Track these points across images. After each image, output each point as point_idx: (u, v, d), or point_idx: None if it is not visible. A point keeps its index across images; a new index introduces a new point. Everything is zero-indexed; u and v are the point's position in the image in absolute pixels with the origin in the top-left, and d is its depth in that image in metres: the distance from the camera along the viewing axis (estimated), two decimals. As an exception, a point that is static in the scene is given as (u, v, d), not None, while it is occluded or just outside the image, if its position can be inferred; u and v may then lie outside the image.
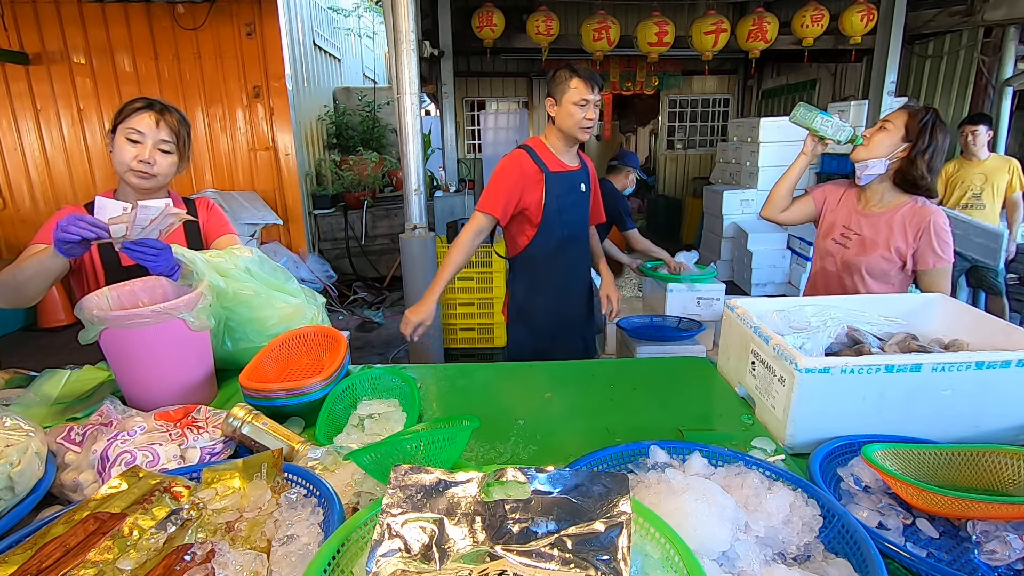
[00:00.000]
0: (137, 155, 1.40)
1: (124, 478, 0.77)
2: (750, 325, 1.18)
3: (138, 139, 1.40)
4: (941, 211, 1.64)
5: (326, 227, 5.98)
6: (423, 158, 2.95)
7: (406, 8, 2.68)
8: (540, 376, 1.43)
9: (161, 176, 1.44)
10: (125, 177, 1.42)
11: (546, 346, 2.02)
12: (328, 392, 1.16)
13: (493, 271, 3.91)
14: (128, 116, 1.40)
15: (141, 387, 1.18)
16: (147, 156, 1.40)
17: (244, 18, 5.08)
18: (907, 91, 5.30)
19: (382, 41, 10.30)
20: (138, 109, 1.41)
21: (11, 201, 5.30)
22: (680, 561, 0.60)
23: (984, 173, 3.64)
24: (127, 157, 1.40)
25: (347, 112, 6.99)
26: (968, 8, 4.56)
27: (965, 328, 1.24)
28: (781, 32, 5.03)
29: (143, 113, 1.41)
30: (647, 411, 1.21)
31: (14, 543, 0.70)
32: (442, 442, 0.79)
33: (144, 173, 1.41)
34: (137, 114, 1.41)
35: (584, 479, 0.66)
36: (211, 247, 1.55)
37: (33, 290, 1.28)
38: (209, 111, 5.28)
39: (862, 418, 1.00)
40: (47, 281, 1.29)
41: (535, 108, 7.91)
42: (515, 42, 5.51)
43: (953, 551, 0.78)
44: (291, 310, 1.41)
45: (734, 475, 0.81)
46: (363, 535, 0.68)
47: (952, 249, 1.64)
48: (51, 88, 5.05)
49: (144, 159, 1.40)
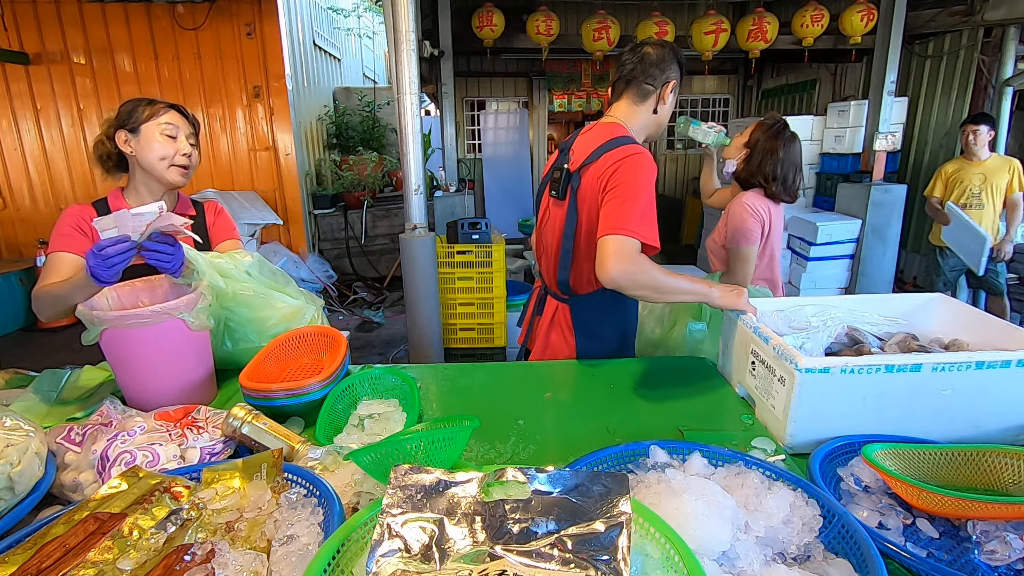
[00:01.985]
0: (179, 150, 1.42)
1: (124, 478, 0.77)
2: (750, 325, 1.18)
3: (174, 134, 1.42)
4: (745, 202, 1.91)
5: (326, 227, 5.98)
6: (423, 158, 2.95)
7: (406, 8, 2.68)
8: (540, 376, 1.43)
9: (192, 169, 1.47)
10: (165, 174, 1.42)
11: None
12: (328, 392, 1.16)
13: (493, 271, 3.91)
14: (157, 113, 1.41)
15: (141, 387, 1.18)
16: (187, 150, 1.43)
17: (244, 18, 5.08)
18: (907, 91, 5.29)
19: (382, 41, 10.30)
20: (165, 107, 1.42)
21: (11, 201, 5.31)
22: (680, 561, 0.60)
23: (983, 173, 3.64)
24: (168, 152, 1.41)
25: (347, 112, 7.00)
26: (968, 8, 4.56)
27: (965, 328, 1.24)
28: (781, 32, 5.02)
29: (171, 110, 1.43)
30: (647, 411, 1.21)
31: (14, 543, 0.70)
32: (442, 442, 0.79)
33: (185, 167, 1.44)
34: (166, 111, 1.42)
35: (584, 479, 0.66)
36: (215, 251, 1.56)
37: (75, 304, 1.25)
38: (209, 111, 5.28)
39: (862, 418, 1.00)
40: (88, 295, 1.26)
41: (535, 108, 7.91)
42: (515, 42, 5.51)
43: (953, 551, 0.78)
44: (291, 310, 1.41)
45: (734, 475, 0.81)
46: (363, 535, 0.68)
47: (743, 236, 1.89)
48: (51, 88, 5.05)
49: (186, 152, 1.43)
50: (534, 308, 1.79)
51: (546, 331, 1.69)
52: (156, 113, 1.40)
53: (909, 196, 4.67)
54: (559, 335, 1.65)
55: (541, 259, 1.75)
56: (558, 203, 1.58)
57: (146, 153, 1.40)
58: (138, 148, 1.40)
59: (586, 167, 1.47)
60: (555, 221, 1.60)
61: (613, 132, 1.48)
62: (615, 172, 1.38)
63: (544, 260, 1.71)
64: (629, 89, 1.53)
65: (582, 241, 1.52)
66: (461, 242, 3.86)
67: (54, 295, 1.28)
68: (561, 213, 1.55)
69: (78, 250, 1.39)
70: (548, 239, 1.65)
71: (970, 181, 3.67)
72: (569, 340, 1.63)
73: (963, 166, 3.73)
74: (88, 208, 1.45)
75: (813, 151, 5.33)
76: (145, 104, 1.41)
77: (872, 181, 4.65)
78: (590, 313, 1.61)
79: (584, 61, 7.48)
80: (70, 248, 1.38)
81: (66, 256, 1.37)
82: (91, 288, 1.20)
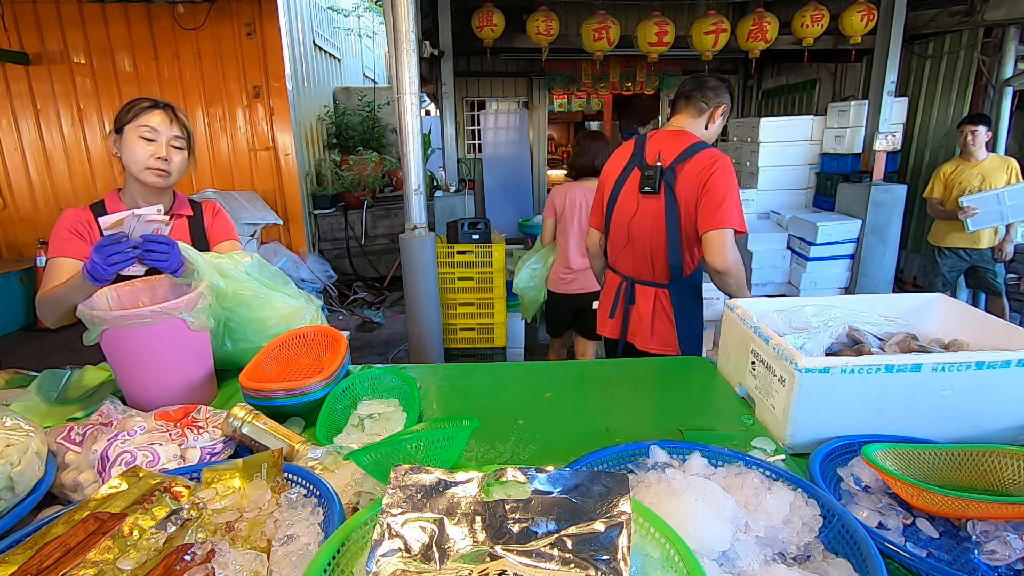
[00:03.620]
0: (154, 153, 1.40)
1: (124, 478, 0.77)
2: (750, 325, 1.18)
3: (152, 137, 1.40)
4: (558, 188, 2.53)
5: (326, 227, 5.98)
6: (423, 158, 2.95)
7: (406, 8, 2.68)
8: (540, 376, 1.43)
9: (175, 173, 1.45)
10: (142, 176, 1.41)
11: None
12: (328, 392, 1.16)
13: (493, 271, 3.91)
14: (138, 115, 1.39)
15: (141, 387, 1.18)
16: (164, 153, 1.40)
17: (244, 18, 5.08)
18: (907, 91, 5.29)
19: (382, 41, 10.30)
20: (147, 108, 1.40)
21: (11, 201, 5.31)
22: (680, 561, 0.60)
23: (981, 173, 3.64)
24: (143, 156, 1.39)
25: (347, 112, 7.00)
26: (968, 8, 4.55)
27: (965, 328, 1.23)
28: (781, 32, 5.02)
29: (154, 111, 1.40)
30: (647, 411, 1.21)
31: (14, 543, 0.70)
32: (442, 442, 0.79)
33: (162, 171, 1.41)
34: (148, 112, 1.40)
35: (584, 479, 0.66)
36: (213, 251, 1.55)
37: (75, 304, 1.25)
38: (209, 111, 5.28)
39: (862, 418, 1.00)
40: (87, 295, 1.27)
41: (535, 108, 7.90)
42: (515, 42, 5.50)
43: (953, 551, 0.78)
44: (291, 311, 1.41)
45: (734, 475, 0.81)
46: (363, 535, 0.68)
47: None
48: (51, 88, 5.06)
49: (161, 156, 1.40)
50: (624, 299, 1.97)
51: (650, 321, 1.90)
52: (137, 115, 1.39)
53: (909, 196, 4.67)
54: (664, 323, 1.89)
55: (625, 251, 1.95)
56: (652, 196, 1.83)
57: (127, 155, 1.40)
58: (122, 150, 1.40)
59: (680, 164, 1.75)
60: (650, 212, 1.84)
61: (691, 138, 1.79)
62: (712, 174, 1.69)
63: (635, 250, 1.92)
64: (688, 105, 1.83)
65: (683, 228, 1.78)
66: (461, 242, 3.86)
67: (54, 298, 1.29)
68: (658, 205, 1.81)
69: (76, 254, 1.39)
70: (641, 230, 1.87)
71: (969, 181, 3.66)
72: (671, 327, 1.88)
73: (961, 167, 3.73)
74: (85, 211, 1.45)
75: (813, 151, 5.33)
76: (130, 106, 1.40)
77: (872, 181, 4.65)
78: (685, 297, 1.88)
79: (584, 61, 7.47)
80: (68, 253, 1.39)
81: (65, 261, 1.38)
82: (88, 287, 1.21)
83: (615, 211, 1.95)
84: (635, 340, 1.96)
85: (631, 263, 1.95)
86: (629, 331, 1.98)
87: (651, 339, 1.91)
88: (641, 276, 1.93)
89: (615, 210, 1.95)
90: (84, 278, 1.20)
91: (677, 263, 1.82)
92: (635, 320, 1.95)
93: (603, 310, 2.08)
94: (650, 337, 1.91)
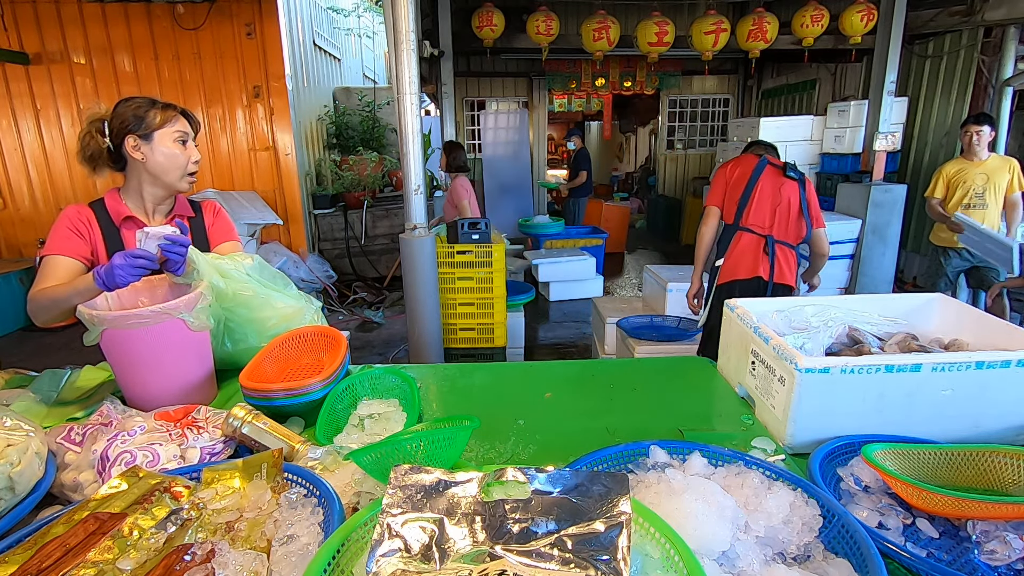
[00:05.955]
0: (191, 157, 1.40)
1: (124, 478, 0.77)
2: (750, 325, 1.18)
3: (188, 140, 1.40)
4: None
5: (326, 227, 5.97)
6: (423, 158, 2.95)
7: (406, 8, 2.68)
8: (540, 376, 1.43)
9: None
10: (177, 183, 1.41)
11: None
12: (328, 392, 1.16)
13: (493, 271, 3.91)
14: (168, 120, 1.38)
15: (141, 387, 1.18)
16: (197, 156, 1.42)
17: (244, 18, 5.08)
18: (907, 91, 5.29)
19: (382, 41, 10.30)
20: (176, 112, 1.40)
21: (11, 201, 5.31)
22: (680, 561, 0.60)
23: (986, 173, 3.64)
24: (183, 160, 1.39)
25: (347, 112, 6.99)
26: (968, 8, 4.56)
27: (965, 328, 1.23)
28: (781, 32, 5.03)
29: (178, 114, 1.41)
30: (647, 411, 1.21)
31: (14, 543, 0.70)
32: (442, 442, 0.79)
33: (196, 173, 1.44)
34: (176, 117, 1.39)
35: (584, 479, 0.66)
36: (214, 252, 1.55)
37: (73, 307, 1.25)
38: (209, 111, 5.28)
39: (862, 418, 1.00)
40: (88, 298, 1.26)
41: (535, 108, 7.90)
42: (515, 42, 5.51)
43: (953, 551, 0.78)
44: (291, 311, 1.41)
45: (734, 475, 0.81)
46: (363, 535, 0.68)
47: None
48: (51, 88, 5.05)
49: (196, 159, 1.41)
50: (771, 253, 2.61)
51: (782, 268, 2.61)
52: (168, 120, 1.37)
53: (909, 196, 4.67)
54: (791, 270, 2.66)
55: (772, 220, 2.61)
56: (791, 181, 2.56)
57: (158, 160, 1.37)
58: (150, 155, 1.36)
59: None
60: (791, 193, 2.56)
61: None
62: (808, 183, 2.59)
63: (782, 221, 2.60)
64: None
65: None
66: (461, 242, 3.85)
67: (52, 298, 1.27)
68: (797, 188, 2.56)
69: (74, 253, 1.38)
70: (786, 207, 2.58)
71: (973, 181, 3.66)
72: (794, 269, 2.69)
73: (964, 167, 3.73)
74: (85, 209, 1.43)
75: (813, 151, 5.33)
76: (158, 108, 1.37)
77: (872, 181, 4.65)
78: (797, 256, 2.71)
79: (584, 61, 7.47)
80: (66, 251, 1.37)
81: (62, 259, 1.36)
82: (93, 292, 1.20)
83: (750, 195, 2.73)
84: (777, 278, 2.67)
85: (776, 228, 2.68)
86: (775, 272, 2.67)
87: (783, 275, 2.66)
88: (783, 238, 2.67)
89: (750, 195, 2.73)
90: (94, 282, 1.19)
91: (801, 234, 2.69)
92: (778, 265, 2.69)
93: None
94: (783, 274, 2.66)
